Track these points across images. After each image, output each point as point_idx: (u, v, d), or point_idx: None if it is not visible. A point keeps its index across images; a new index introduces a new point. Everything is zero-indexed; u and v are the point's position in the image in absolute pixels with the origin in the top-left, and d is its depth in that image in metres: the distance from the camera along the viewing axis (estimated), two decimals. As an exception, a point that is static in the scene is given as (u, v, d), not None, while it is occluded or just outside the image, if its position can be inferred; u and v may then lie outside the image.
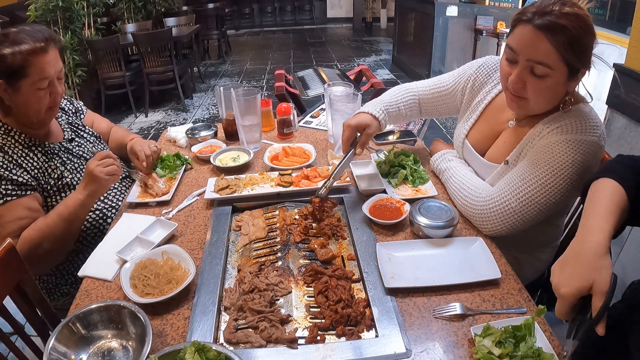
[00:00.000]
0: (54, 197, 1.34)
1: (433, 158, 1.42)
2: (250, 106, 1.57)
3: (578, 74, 1.02)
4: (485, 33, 4.89)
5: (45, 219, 1.24)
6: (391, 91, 1.46)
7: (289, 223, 1.23)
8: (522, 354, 0.78)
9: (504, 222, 1.10)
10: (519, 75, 1.03)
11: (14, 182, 1.22)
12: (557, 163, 1.04)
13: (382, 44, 8.54)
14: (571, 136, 1.03)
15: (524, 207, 1.08)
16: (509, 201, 1.09)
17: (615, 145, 2.11)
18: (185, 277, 1.00)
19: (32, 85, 1.21)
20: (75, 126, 1.52)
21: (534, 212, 1.08)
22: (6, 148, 1.25)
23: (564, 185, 1.04)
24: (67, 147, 1.42)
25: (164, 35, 4.75)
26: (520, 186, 1.08)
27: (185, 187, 1.45)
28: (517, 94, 1.07)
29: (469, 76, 1.36)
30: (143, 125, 4.82)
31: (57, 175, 1.34)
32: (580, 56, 0.99)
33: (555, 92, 1.05)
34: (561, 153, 1.03)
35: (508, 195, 1.10)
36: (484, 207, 1.13)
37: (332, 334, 0.90)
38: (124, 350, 0.89)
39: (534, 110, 1.12)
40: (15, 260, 1.02)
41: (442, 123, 4.40)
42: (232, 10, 10.33)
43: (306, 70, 3.43)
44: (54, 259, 1.35)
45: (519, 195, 1.08)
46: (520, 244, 1.30)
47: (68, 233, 1.27)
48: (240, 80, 6.45)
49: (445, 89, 1.42)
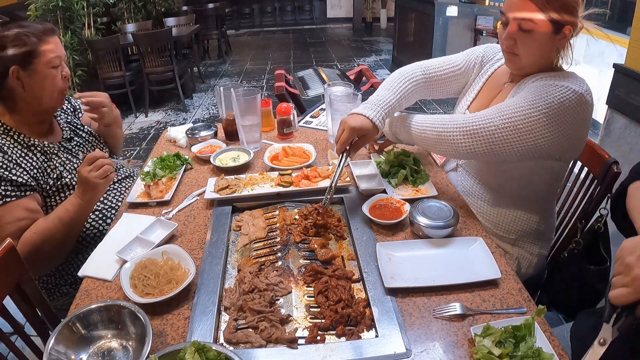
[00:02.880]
0: (53, 198, 1.34)
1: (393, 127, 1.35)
2: (250, 106, 1.57)
3: (563, 29, 1.11)
4: (485, 33, 4.89)
5: (46, 221, 1.24)
6: (391, 83, 1.38)
7: (289, 223, 1.23)
8: (522, 354, 0.78)
9: (483, 140, 1.15)
10: (509, 33, 1.16)
11: (13, 183, 1.22)
12: (542, 99, 1.11)
13: (382, 44, 8.54)
14: (560, 82, 1.13)
15: (506, 130, 1.13)
16: (492, 119, 1.14)
17: (615, 145, 2.11)
18: (185, 277, 1.00)
19: (47, 63, 1.26)
20: (74, 125, 1.52)
21: (513, 138, 1.13)
22: (5, 148, 1.25)
23: (545, 122, 1.10)
24: (66, 147, 1.42)
25: (164, 35, 4.75)
26: (505, 110, 1.14)
27: (185, 187, 1.45)
28: (509, 50, 1.19)
29: (477, 55, 1.45)
30: (143, 125, 4.82)
31: (56, 175, 1.34)
32: (559, 11, 1.09)
33: (542, 46, 1.15)
34: (547, 93, 1.11)
35: (492, 114, 1.15)
36: (465, 123, 1.17)
37: (332, 334, 0.90)
38: (124, 350, 0.88)
39: (528, 66, 1.21)
40: (15, 260, 1.02)
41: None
42: (232, 10, 10.33)
43: (306, 70, 3.43)
44: (53, 261, 1.35)
45: (504, 117, 1.13)
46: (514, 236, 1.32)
47: (68, 236, 1.27)
48: (240, 80, 6.45)
49: (459, 67, 1.46)
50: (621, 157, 2.01)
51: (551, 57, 1.18)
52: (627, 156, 2.02)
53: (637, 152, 1.98)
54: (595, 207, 1.36)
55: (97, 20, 5.01)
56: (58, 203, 1.34)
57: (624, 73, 2.01)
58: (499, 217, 1.32)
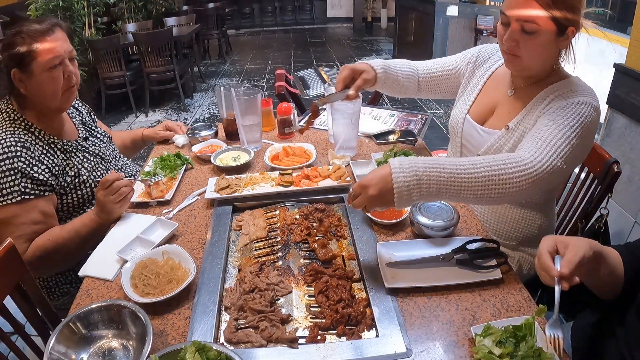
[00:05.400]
0: (70, 195, 1.35)
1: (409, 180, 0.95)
2: (251, 106, 1.57)
3: (566, 31, 1.08)
4: (485, 33, 4.89)
5: (62, 231, 1.24)
6: (393, 60, 1.50)
7: (289, 223, 1.23)
8: (523, 354, 0.78)
9: (543, 181, 1.01)
10: (511, 34, 1.10)
11: (34, 181, 1.23)
12: (578, 123, 1.05)
13: (382, 43, 8.54)
14: (582, 98, 1.09)
15: (564, 169, 1.03)
16: (551, 159, 1.01)
17: (615, 145, 2.11)
18: (186, 277, 1.00)
19: (44, 65, 1.22)
20: (89, 126, 1.54)
21: (566, 171, 1.07)
22: (28, 144, 1.25)
23: (579, 144, 1.05)
24: (83, 145, 1.43)
25: (164, 35, 4.75)
26: (556, 145, 1.03)
27: (186, 187, 1.45)
28: (511, 52, 1.14)
29: (472, 54, 1.43)
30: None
31: (74, 173, 1.35)
32: (565, 12, 1.04)
33: (546, 49, 1.11)
34: (576, 112, 1.07)
35: (547, 153, 1.02)
36: (526, 167, 0.99)
37: (333, 334, 0.90)
38: (124, 350, 0.89)
39: (529, 69, 1.18)
40: (15, 260, 1.02)
41: (442, 123, 4.40)
42: (233, 10, 10.32)
43: (306, 70, 3.43)
44: (59, 269, 1.37)
45: (560, 154, 1.02)
46: (515, 242, 1.32)
47: (81, 249, 1.27)
48: (240, 80, 6.45)
49: (451, 67, 1.47)
50: (621, 157, 2.01)
51: (553, 58, 1.16)
52: (627, 156, 2.02)
53: (637, 151, 1.98)
54: (596, 207, 1.36)
55: (97, 20, 5.01)
56: (74, 200, 1.36)
57: (625, 73, 2.01)
58: (499, 224, 1.32)
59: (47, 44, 1.23)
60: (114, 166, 1.54)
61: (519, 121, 1.19)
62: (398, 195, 0.94)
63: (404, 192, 0.93)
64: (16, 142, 1.22)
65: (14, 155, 1.20)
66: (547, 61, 1.16)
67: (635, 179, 1.97)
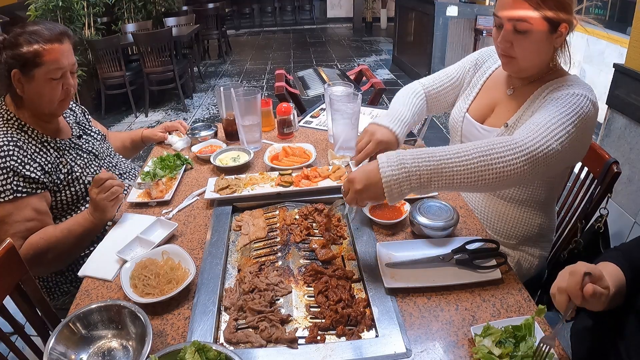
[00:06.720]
0: (63, 192, 1.35)
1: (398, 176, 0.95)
2: (251, 106, 1.57)
3: (559, 28, 1.08)
4: (485, 33, 4.88)
5: (55, 230, 1.25)
6: (404, 99, 1.41)
7: (289, 223, 1.23)
8: (522, 354, 0.78)
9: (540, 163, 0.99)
10: (504, 35, 1.12)
11: (26, 179, 1.23)
12: (573, 112, 1.04)
13: (382, 44, 8.54)
14: (578, 90, 1.09)
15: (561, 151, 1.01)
16: (547, 141, 0.99)
17: (615, 145, 2.11)
18: (186, 277, 1.00)
19: (47, 74, 1.23)
20: (83, 125, 1.55)
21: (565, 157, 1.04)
22: (21, 143, 1.26)
23: (575, 135, 1.03)
24: (76, 143, 1.44)
25: (164, 35, 4.75)
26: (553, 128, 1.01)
27: (186, 187, 1.45)
28: (506, 54, 1.15)
29: (472, 60, 1.44)
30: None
31: (67, 170, 1.35)
32: (554, 9, 1.05)
33: (540, 47, 1.12)
34: (572, 102, 1.06)
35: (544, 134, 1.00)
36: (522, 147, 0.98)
37: (332, 334, 0.90)
38: (124, 350, 0.88)
39: (526, 68, 1.18)
40: (15, 260, 1.02)
41: (442, 123, 4.40)
42: (232, 10, 10.34)
43: (306, 70, 3.43)
44: (53, 268, 1.37)
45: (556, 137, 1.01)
46: (515, 241, 1.32)
47: (74, 249, 1.28)
48: (240, 80, 6.45)
49: (454, 77, 1.46)
50: (621, 157, 2.01)
51: (549, 56, 1.16)
52: (627, 156, 2.02)
53: (637, 152, 1.98)
54: (595, 207, 1.36)
55: (97, 20, 5.01)
56: (68, 197, 1.36)
57: (624, 73, 2.01)
58: (499, 222, 1.32)
59: (55, 53, 1.23)
60: (108, 163, 1.54)
61: (517, 118, 1.20)
62: (388, 190, 0.94)
63: (394, 186, 0.93)
64: (8, 141, 1.23)
65: (6, 155, 1.21)
66: (542, 60, 1.16)
67: (635, 179, 1.97)
